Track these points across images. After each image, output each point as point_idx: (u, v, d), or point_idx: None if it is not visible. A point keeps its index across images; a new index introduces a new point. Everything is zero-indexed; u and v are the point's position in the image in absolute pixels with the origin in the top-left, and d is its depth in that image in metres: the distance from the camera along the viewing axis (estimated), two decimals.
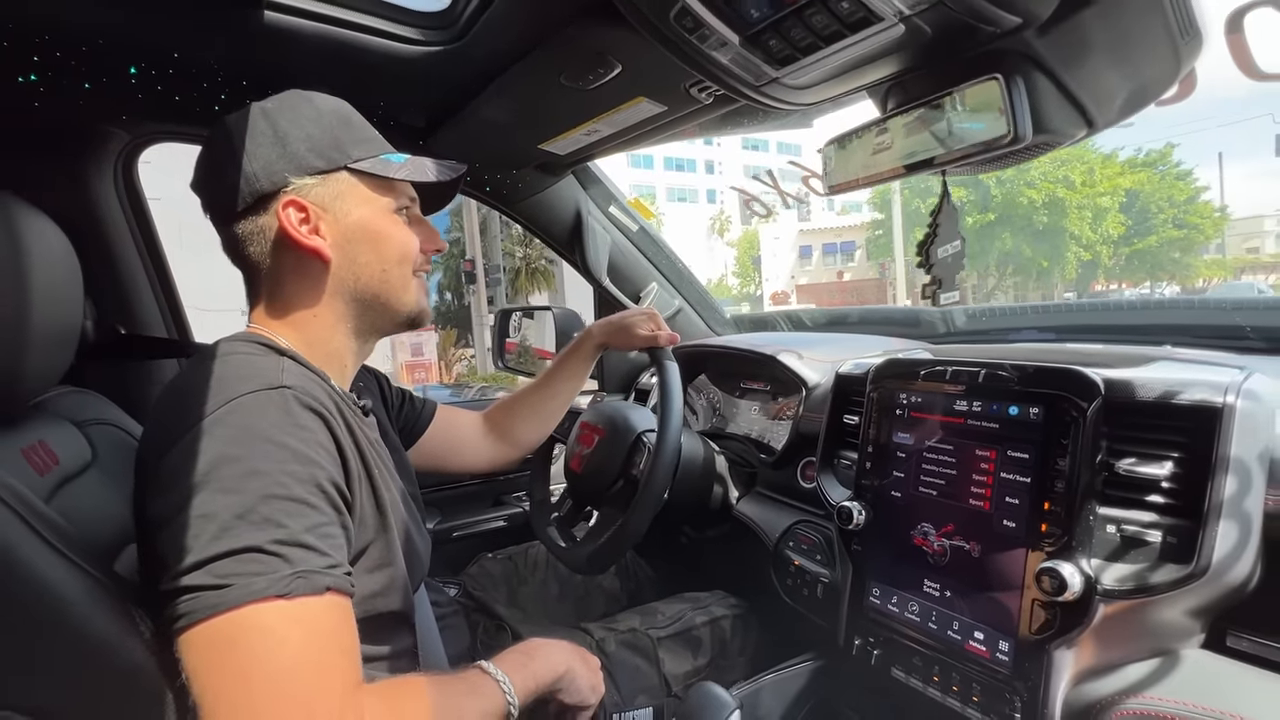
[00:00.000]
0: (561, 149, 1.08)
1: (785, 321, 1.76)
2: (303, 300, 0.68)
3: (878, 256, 26.20)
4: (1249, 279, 31.38)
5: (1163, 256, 25.99)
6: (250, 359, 0.62)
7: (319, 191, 0.66)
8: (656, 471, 0.98)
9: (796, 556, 1.03)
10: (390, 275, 0.70)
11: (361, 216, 0.68)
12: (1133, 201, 24.47)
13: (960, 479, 0.80)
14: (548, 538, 1.16)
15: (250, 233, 0.66)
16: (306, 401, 0.59)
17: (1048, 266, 24.14)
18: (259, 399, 0.57)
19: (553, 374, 1.14)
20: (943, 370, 0.84)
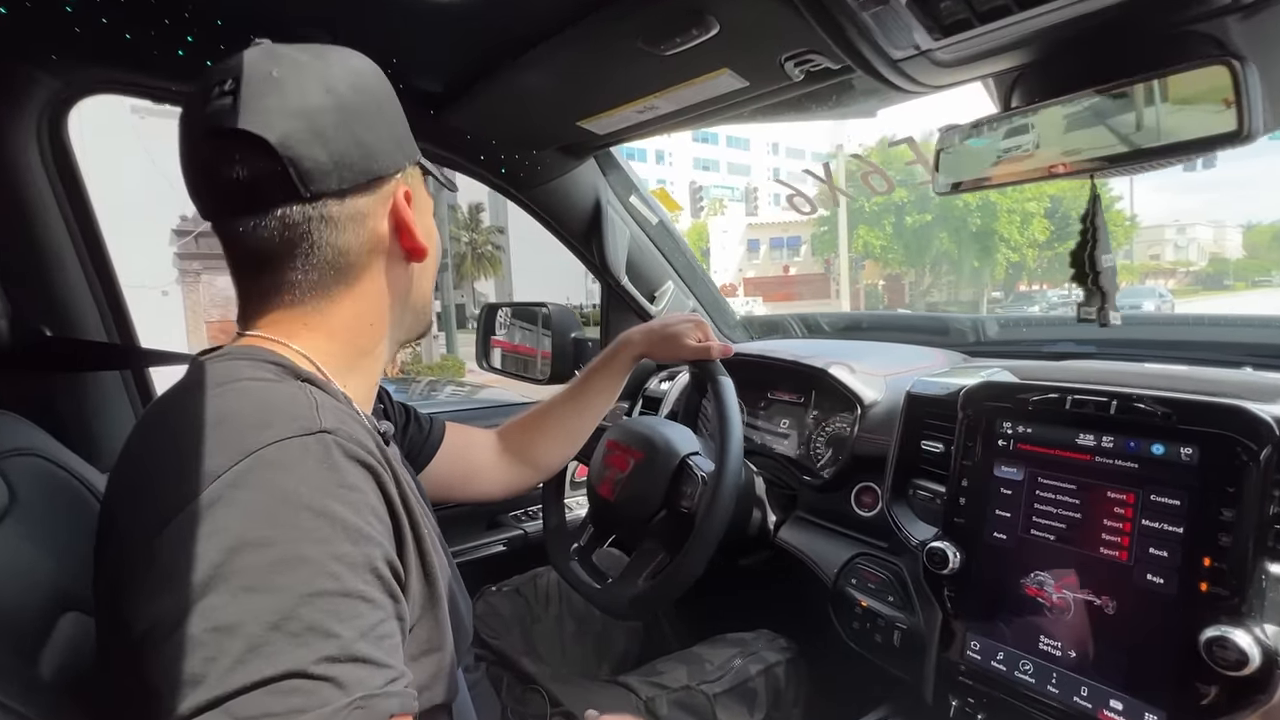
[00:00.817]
0: (601, 127, 0.93)
1: (799, 325, 1.66)
2: (368, 306, 0.57)
3: (822, 252, 26.86)
4: (1152, 283, 34.11)
5: None
6: (270, 388, 0.47)
7: (411, 184, 0.58)
8: (717, 507, 0.85)
9: (863, 596, 0.93)
10: (431, 283, 0.64)
11: (428, 217, 0.61)
12: (1056, 208, 26.02)
13: (1087, 524, 0.70)
14: (574, 576, 1.02)
15: (336, 218, 0.52)
16: (352, 450, 0.45)
17: (979, 266, 25.39)
18: (292, 450, 0.42)
19: (582, 387, 0.99)
20: (1059, 398, 0.75)
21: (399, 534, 0.47)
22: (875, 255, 25.80)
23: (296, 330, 0.53)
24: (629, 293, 1.30)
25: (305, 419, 0.44)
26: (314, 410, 0.46)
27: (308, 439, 0.43)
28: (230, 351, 0.52)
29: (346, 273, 0.54)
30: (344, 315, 0.55)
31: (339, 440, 0.44)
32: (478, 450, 0.94)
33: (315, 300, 0.53)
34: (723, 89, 0.77)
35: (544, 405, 1.00)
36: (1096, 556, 0.69)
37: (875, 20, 0.54)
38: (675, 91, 0.78)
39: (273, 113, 0.47)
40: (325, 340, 0.54)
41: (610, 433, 1.07)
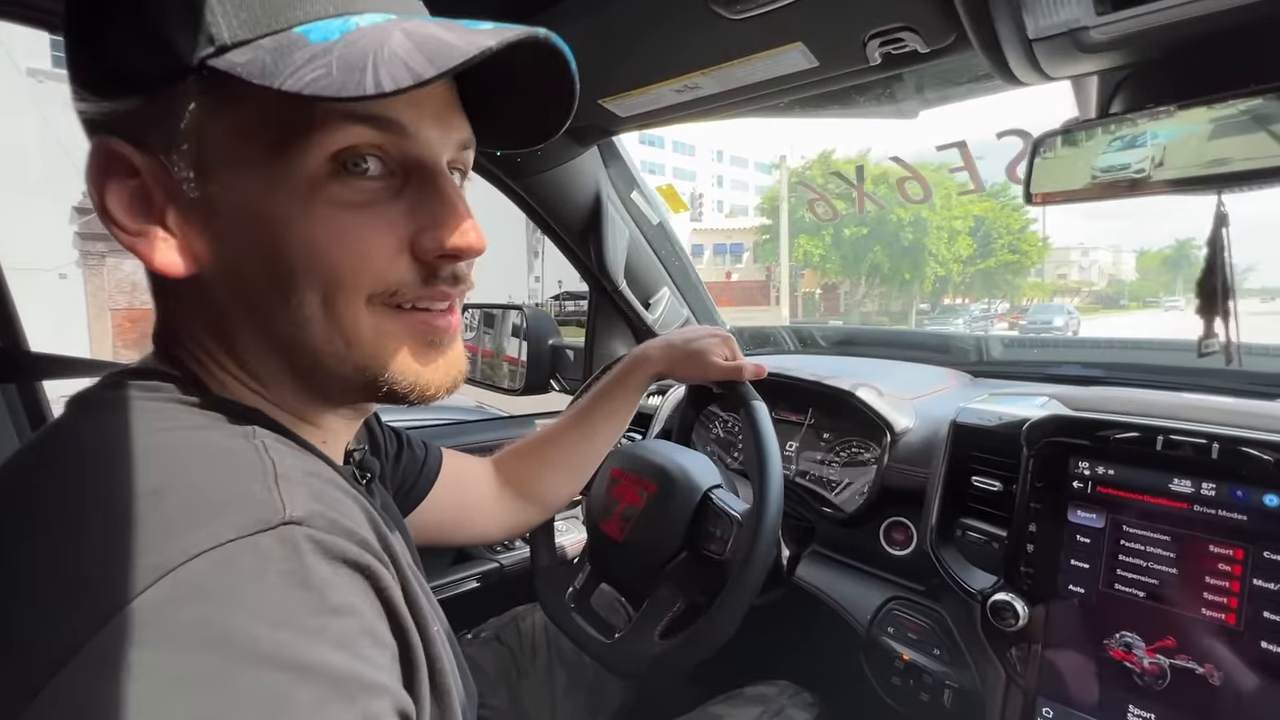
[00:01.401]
0: (626, 108, 0.80)
1: (791, 338, 1.58)
2: (197, 345, 0.36)
3: (764, 260, 27.43)
4: (1060, 300, 36.87)
5: (999, 277, 29.68)
6: (203, 437, 0.32)
7: (159, 129, 0.31)
8: (757, 554, 0.74)
9: (904, 648, 0.83)
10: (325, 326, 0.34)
11: (235, 195, 0.32)
12: (979, 226, 27.64)
13: (1185, 580, 0.63)
14: (576, 629, 0.88)
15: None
16: (335, 547, 0.29)
17: (910, 279, 26.59)
18: (240, 561, 0.26)
19: (590, 412, 0.85)
20: (1148, 437, 0.67)
21: (408, 657, 0.32)
22: (814, 265, 26.59)
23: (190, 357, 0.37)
24: (627, 299, 1.17)
25: (263, 500, 0.29)
26: (268, 480, 0.30)
27: (264, 538, 0.27)
28: (144, 373, 0.35)
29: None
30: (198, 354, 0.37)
31: (314, 535, 0.29)
32: (476, 484, 0.79)
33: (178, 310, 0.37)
34: (784, 69, 0.66)
35: (545, 433, 0.85)
36: (1197, 619, 0.62)
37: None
38: (728, 68, 0.66)
39: None
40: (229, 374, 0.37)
41: (614, 459, 0.94)
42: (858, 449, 1.05)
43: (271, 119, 0.31)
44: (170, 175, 0.31)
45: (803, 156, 25.18)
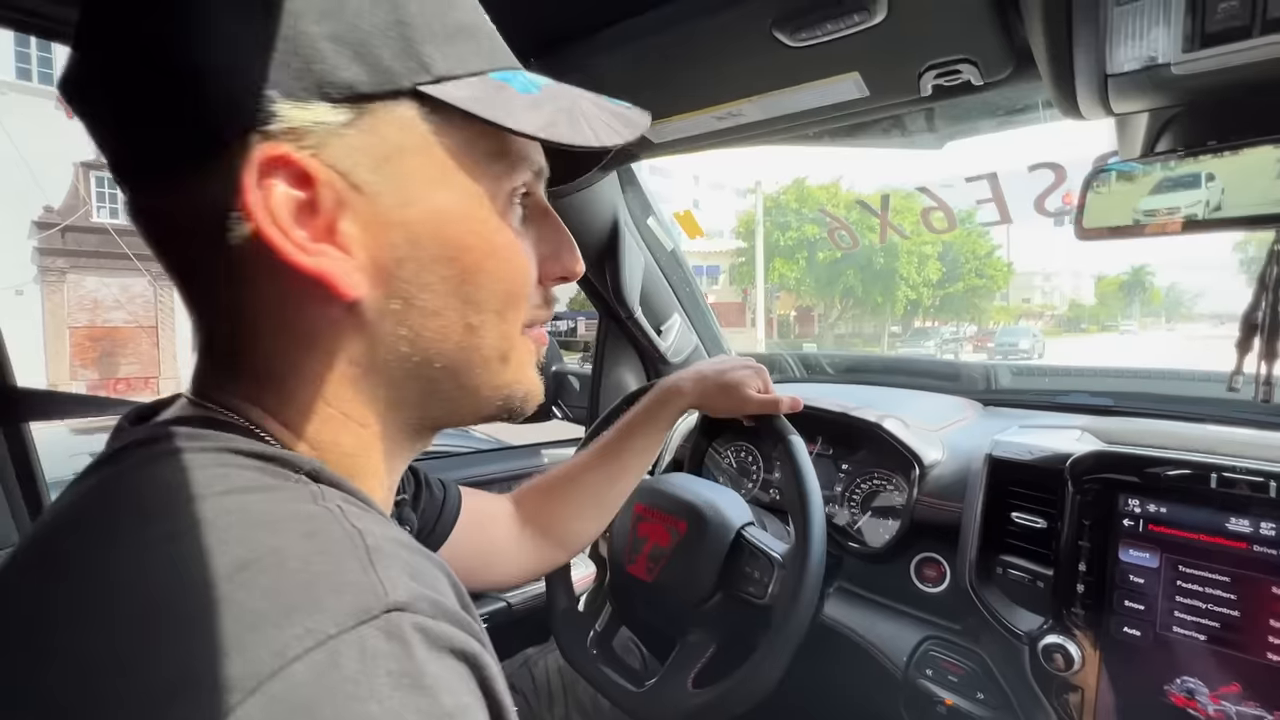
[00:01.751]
0: (662, 134, 0.77)
1: (797, 364, 1.56)
2: (304, 379, 0.32)
3: (741, 282, 27.74)
4: (1025, 324, 37.98)
5: (967, 301, 30.46)
6: (277, 501, 0.27)
7: (344, 143, 0.29)
8: (803, 598, 0.70)
9: (945, 692, 0.80)
10: (481, 336, 0.35)
11: (433, 209, 0.31)
12: (947, 252, 28.42)
13: (1248, 623, 0.61)
14: (601, 676, 0.83)
15: (188, 212, 0.29)
16: (442, 635, 0.26)
17: (882, 302, 27.15)
18: (349, 658, 0.22)
19: (618, 446, 0.81)
20: (1202, 474, 0.66)
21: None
22: (790, 287, 26.99)
23: (238, 407, 0.33)
24: (641, 327, 1.14)
25: (356, 581, 0.25)
26: (362, 555, 0.26)
27: (369, 630, 0.23)
28: (191, 429, 0.30)
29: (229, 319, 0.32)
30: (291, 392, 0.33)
31: (420, 623, 0.25)
32: (496, 524, 0.74)
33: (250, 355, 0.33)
34: (834, 98, 0.64)
35: (568, 469, 0.81)
36: (1264, 663, 0.60)
37: (1123, 18, 0.43)
38: (776, 96, 0.65)
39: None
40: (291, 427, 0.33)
41: (637, 495, 0.90)
42: (880, 481, 1.02)
43: (479, 150, 0.32)
44: (356, 190, 0.29)
45: (777, 182, 25.69)
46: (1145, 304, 48.39)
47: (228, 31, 0.26)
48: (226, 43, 0.26)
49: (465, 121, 0.31)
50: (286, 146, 0.27)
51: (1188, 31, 0.43)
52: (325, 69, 0.28)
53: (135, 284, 14.52)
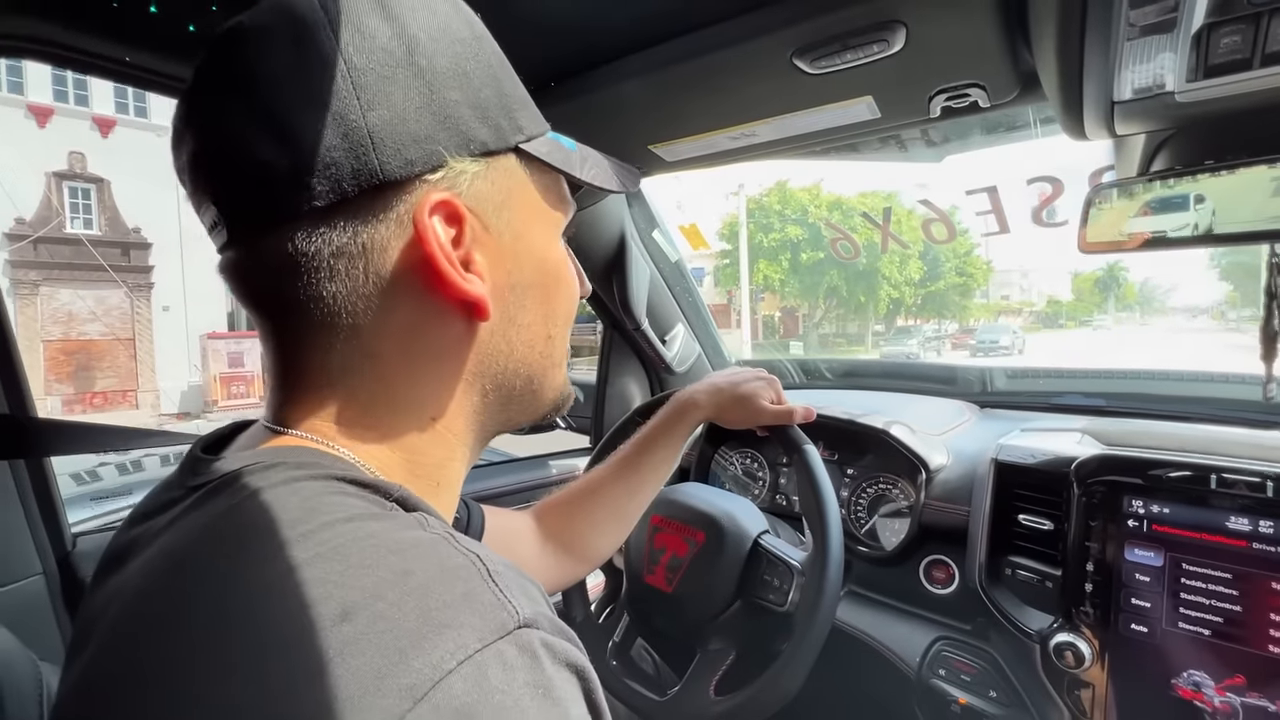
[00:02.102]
0: (675, 153, 0.79)
1: (797, 370, 1.59)
2: (418, 392, 0.36)
3: (725, 284, 27.88)
4: (1005, 320, 38.49)
5: (949, 299, 30.86)
6: (391, 529, 0.29)
7: (478, 189, 0.35)
8: (823, 605, 0.72)
9: (959, 692, 0.83)
10: (554, 345, 0.42)
11: (530, 242, 0.38)
12: (928, 251, 28.80)
13: (1250, 618, 0.64)
14: (622, 687, 0.84)
15: (336, 251, 0.32)
16: (562, 651, 0.28)
17: (865, 301, 27.43)
18: (494, 669, 0.25)
19: (636, 459, 0.82)
20: (1201, 476, 0.69)
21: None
22: (774, 288, 27.17)
23: (338, 429, 0.35)
24: (648, 337, 1.16)
25: (489, 600, 0.27)
26: (485, 577, 0.28)
27: (506, 645, 0.25)
28: (264, 461, 0.31)
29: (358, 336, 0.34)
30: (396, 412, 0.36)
31: (545, 639, 0.27)
32: (519, 542, 0.75)
33: (359, 386, 0.35)
34: (848, 119, 0.67)
35: (587, 484, 0.81)
36: (1266, 655, 0.63)
37: (1132, 50, 0.45)
38: (791, 117, 0.67)
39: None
40: (382, 447, 0.35)
41: (654, 507, 0.91)
42: (886, 485, 1.05)
43: (550, 192, 0.40)
44: (485, 228, 0.35)
45: (759, 184, 25.88)
46: (1120, 299, 49.29)
47: (398, 97, 0.32)
48: (394, 107, 0.32)
49: (543, 171, 0.38)
50: (448, 192, 0.33)
51: (1192, 64, 0.45)
52: (467, 129, 0.34)
53: (111, 296, 14.24)
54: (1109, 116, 0.53)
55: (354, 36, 0.31)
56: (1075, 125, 0.56)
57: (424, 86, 0.32)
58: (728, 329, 27.21)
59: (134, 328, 14.37)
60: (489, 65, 0.36)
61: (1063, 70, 0.48)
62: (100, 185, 14.25)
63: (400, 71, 0.32)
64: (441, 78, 0.33)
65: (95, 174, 14.17)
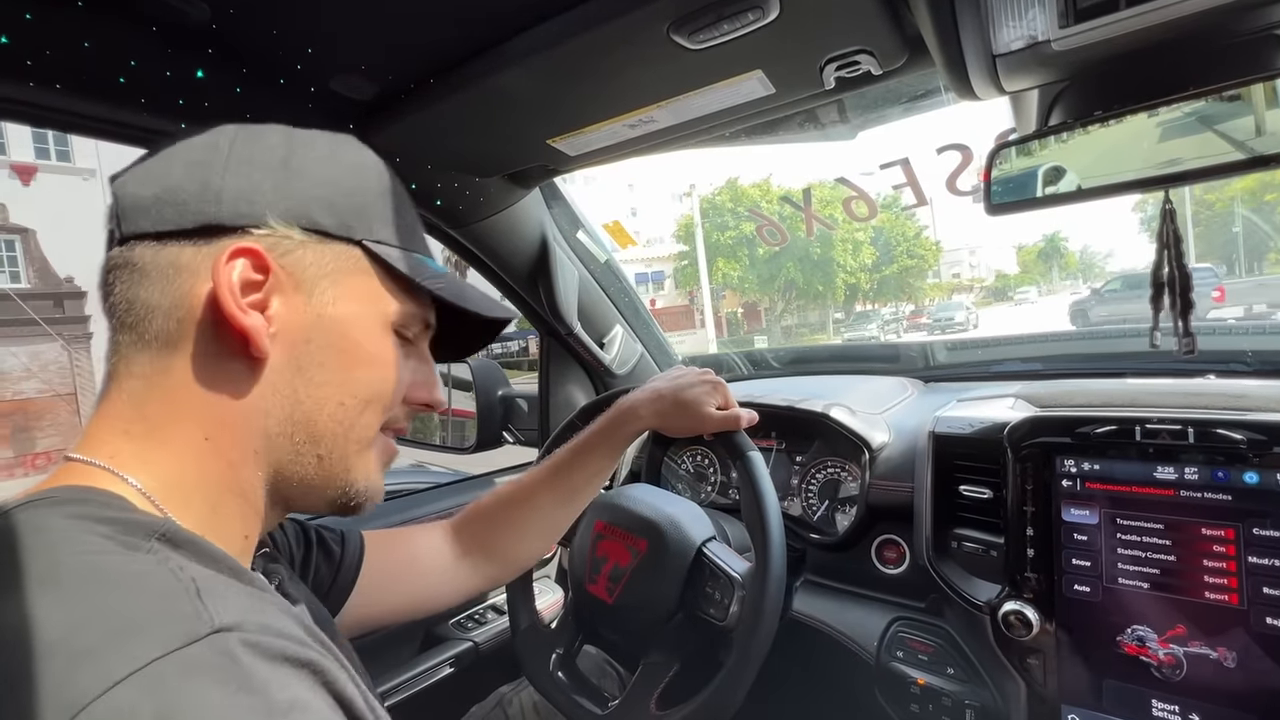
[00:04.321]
0: (575, 147, 0.76)
1: (744, 362, 1.57)
2: (197, 406, 0.39)
3: (686, 284, 28.06)
4: (959, 298, 39.53)
5: (903, 281, 31.65)
6: (118, 563, 0.31)
7: (301, 256, 0.41)
8: (764, 620, 0.70)
9: (917, 672, 0.81)
10: (344, 417, 0.43)
11: (346, 314, 0.43)
12: (879, 236, 29.50)
13: (1184, 567, 0.64)
14: (565, 700, 0.81)
15: (160, 267, 0.39)
16: (275, 646, 0.30)
17: (823, 290, 27.92)
18: (172, 675, 0.27)
19: (568, 470, 0.78)
20: (1127, 429, 0.69)
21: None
22: (734, 285, 27.46)
23: (119, 444, 0.38)
24: (582, 342, 1.12)
25: (178, 613, 0.29)
26: (191, 594, 0.30)
27: (194, 650, 0.27)
28: (40, 498, 0.34)
29: (155, 344, 0.39)
30: (168, 417, 0.39)
31: (248, 638, 0.29)
32: (422, 560, 0.72)
33: (130, 388, 0.39)
34: (742, 97, 0.64)
35: (515, 490, 0.78)
36: (1202, 603, 0.63)
37: (1002, 2, 0.44)
38: (684, 99, 0.64)
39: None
40: (161, 464, 0.38)
41: (596, 511, 0.88)
42: (834, 470, 1.04)
43: (392, 294, 0.45)
44: (294, 285, 0.40)
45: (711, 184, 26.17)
46: (1063, 268, 51.24)
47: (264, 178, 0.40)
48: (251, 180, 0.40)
49: (388, 274, 0.44)
50: (261, 245, 0.39)
51: (1061, 9, 0.45)
52: (306, 211, 0.41)
53: (47, 350, 13.57)
54: (993, 72, 0.52)
55: (247, 137, 0.41)
56: (963, 85, 0.55)
57: (282, 176, 0.41)
58: (692, 329, 27.37)
59: (75, 381, 13.71)
60: (362, 189, 0.44)
61: (939, 28, 0.47)
62: (25, 235, 13.58)
63: (268, 163, 0.40)
64: (301, 179, 0.41)
65: (19, 224, 13.50)
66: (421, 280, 0.44)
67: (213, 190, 0.39)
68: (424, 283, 0.44)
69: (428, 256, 0.48)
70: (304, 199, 0.41)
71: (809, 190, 0.99)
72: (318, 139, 0.44)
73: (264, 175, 0.40)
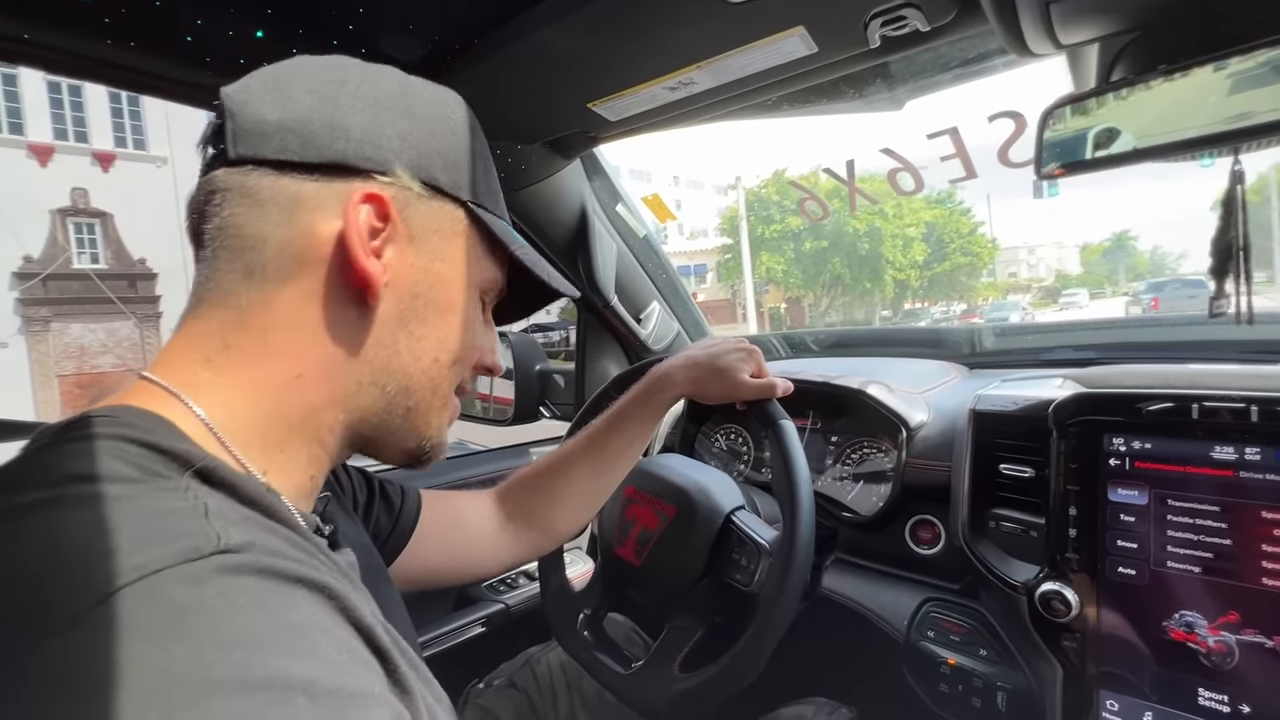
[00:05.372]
0: (617, 111, 0.76)
1: (782, 344, 1.55)
2: (296, 344, 0.39)
3: (728, 278, 27.80)
4: (1014, 298, 37.91)
5: (955, 280, 30.58)
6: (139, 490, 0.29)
7: (418, 209, 0.42)
8: (789, 587, 0.69)
9: (948, 652, 0.80)
10: (436, 373, 0.45)
11: (449, 273, 0.44)
12: (931, 232, 28.54)
13: (1241, 551, 0.61)
14: (589, 658, 0.82)
15: (278, 197, 0.38)
16: (285, 567, 0.29)
17: (870, 287, 27.23)
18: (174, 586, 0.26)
19: (605, 440, 0.79)
20: (1183, 406, 0.65)
21: (397, 680, 0.31)
22: (777, 280, 27.06)
23: (197, 370, 0.37)
24: (620, 315, 1.13)
25: (188, 530, 0.28)
26: (198, 513, 0.29)
27: (196, 566, 0.26)
28: (85, 424, 0.32)
29: (260, 275, 0.38)
30: (270, 358, 0.38)
31: (258, 559, 0.28)
32: (470, 523, 0.73)
33: (221, 316, 0.38)
34: (783, 56, 0.63)
35: (554, 461, 0.79)
36: (1260, 589, 0.59)
37: None
38: (725, 59, 0.64)
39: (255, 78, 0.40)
40: (238, 397, 0.37)
41: (628, 478, 0.88)
42: (870, 448, 1.02)
43: (485, 258, 0.46)
44: (409, 236, 0.41)
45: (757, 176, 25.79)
46: (1130, 268, 48.61)
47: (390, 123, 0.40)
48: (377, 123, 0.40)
49: (485, 237, 0.45)
50: (388, 193, 0.39)
51: None
52: (427, 164, 0.41)
53: (121, 328, 14.42)
54: (1047, 22, 0.50)
55: (372, 77, 0.41)
56: (1015, 38, 0.53)
57: (407, 124, 0.41)
58: (734, 323, 27.14)
59: (144, 357, 14.54)
60: (466, 148, 0.44)
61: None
62: (104, 219, 14.44)
63: (394, 108, 0.41)
64: (422, 128, 0.41)
65: (99, 208, 14.36)
66: (514, 250, 0.46)
67: (341, 127, 0.39)
68: (515, 251, 0.46)
69: (511, 229, 0.49)
70: (426, 151, 0.41)
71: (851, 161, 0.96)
72: (427, 89, 0.44)
73: (390, 120, 0.40)
